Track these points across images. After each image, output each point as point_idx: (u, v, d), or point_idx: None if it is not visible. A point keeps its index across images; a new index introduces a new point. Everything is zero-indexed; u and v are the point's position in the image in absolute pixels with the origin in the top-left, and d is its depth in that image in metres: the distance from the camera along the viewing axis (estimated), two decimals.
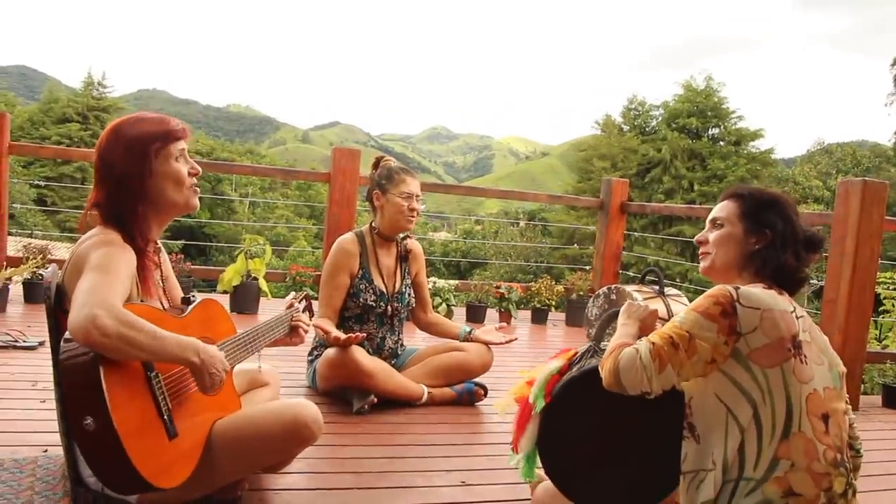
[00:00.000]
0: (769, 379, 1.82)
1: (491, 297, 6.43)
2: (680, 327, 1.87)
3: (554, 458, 2.12)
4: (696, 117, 34.07)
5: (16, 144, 5.74)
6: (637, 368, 1.85)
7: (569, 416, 2.08)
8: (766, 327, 1.84)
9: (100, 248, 2.01)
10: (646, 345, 1.87)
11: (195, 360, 1.95)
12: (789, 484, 1.77)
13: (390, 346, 3.78)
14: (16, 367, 3.65)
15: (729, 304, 1.85)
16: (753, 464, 1.79)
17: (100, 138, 2.18)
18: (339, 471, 2.70)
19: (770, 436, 1.80)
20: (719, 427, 1.84)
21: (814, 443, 1.80)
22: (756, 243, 2.04)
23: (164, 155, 2.17)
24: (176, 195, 2.21)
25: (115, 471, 1.84)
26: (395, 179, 3.69)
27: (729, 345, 1.83)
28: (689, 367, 1.85)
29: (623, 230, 7.12)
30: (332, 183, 6.07)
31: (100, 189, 2.15)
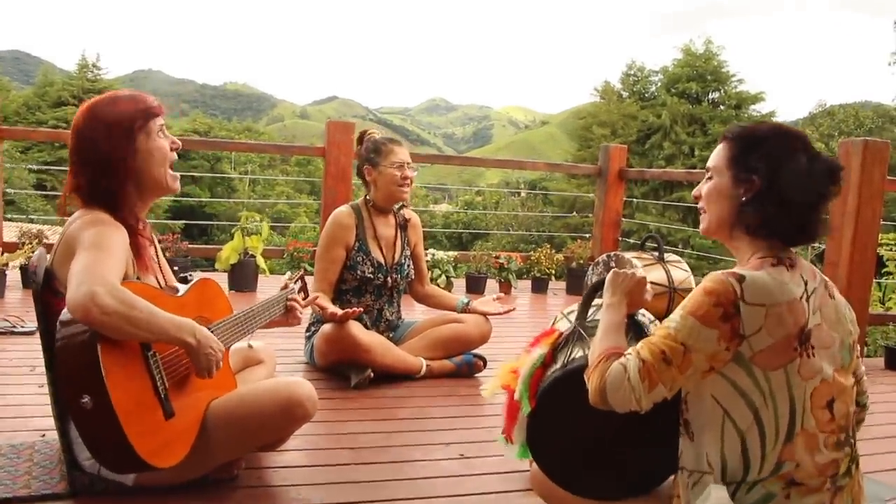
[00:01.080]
0: (771, 382, 1.67)
1: (490, 267, 6.41)
2: (675, 338, 1.68)
3: (545, 459, 2.06)
4: (696, 82, 33.86)
5: (7, 129, 5.71)
6: (625, 389, 1.69)
7: (556, 418, 2.01)
8: (772, 325, 1.66)
9: (91, 227, 1.99)
10: (635, 362, 1.69)
11: (191, 342, 1.93)
12: (792, 476, 1.69)
13: (388, 318, 3.76)
14: (13, 353, 3.64)
15: (731, 303, 1.66)
16: (758, 468, 1.69)
17: (74, 121, 2.14)
18: (337, 447, 2.70)
19: (773, 439, 1.68)
20: (714, 428, 1.72)
21: (815, 436, 1.70)
22: (744, 194, 1.79)
23: (146, 132, 2.15)
24: (160, 173, 2.18)
25: (111, 449, 1.85)
26: (384, 151, 3.66)
27: (730, 350, 1.66)
28: (682, 381, 1.70)
29: (622, 197, 7.08)
30: (327, 157, 6.03)
31: (80, 173, 2.12)
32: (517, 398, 2.06)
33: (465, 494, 2.35)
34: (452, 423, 3.04)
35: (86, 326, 1.80)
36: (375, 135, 3.78)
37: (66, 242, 2.01)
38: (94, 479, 2.12)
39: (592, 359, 1.82)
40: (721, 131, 7.87)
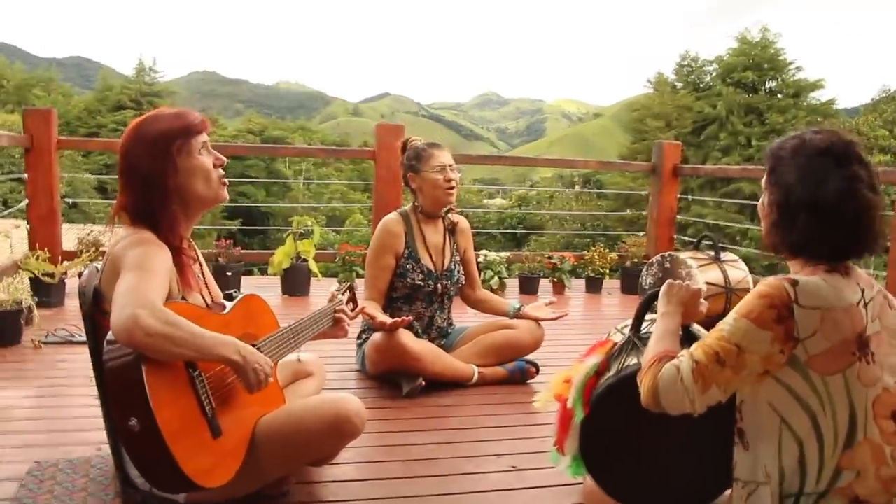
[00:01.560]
0: (829, 387, 1.64)
1: (543, 267, 6.36)
2: (728, 340, 1.66)
3: (598, 469, 2.04)
4: (752, 70, 33.20)
5: (64, 140, 5.84)
6: (678, 390, 1.67)
7: (610, 425, 1.99)
8: (828, 330, 1.64)
9: (135, 247, 2.01)
10: (688, 363, 1.68)
11: (237, 359, 1.93)
12: (855, 493, 1.64)
13: (439, 325, 3.74)
14: (72, 364, 3.70)
15: (785, 306, 1.64)
16: (815, 478, 1.65)
17: (122, 140, 2.17)
18: (388, 459, 2.69)
19: (833, 447, 1.64)
20: (772, 437, 1.69)
21: (881, 447, 1.65)
22: (768, 215, 1.79)
23: (187, 150, 2.15)
24: (204, 190, 2.19)
25: (160, 471, 1.85)
26: (424, 156, 3.64)
27: (785, 353, 1.64)
28: (736, 382, 1.67)
29: (676, 194, 6.96)
30: (377, 160, 6.04)
31: (127, 191, 2.14)
32: (570, 406, 2.05)
33: None
34: (504, 432, 3.00)
35: (130, 351, 1.81)
36: (417, 142, 3.76)
37: (112, 262, 2.03)
38: (146, 497, 2.13)
39: (646, 362, 1.80)
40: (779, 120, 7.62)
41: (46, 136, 5.46)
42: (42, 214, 5.49)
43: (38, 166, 5.46)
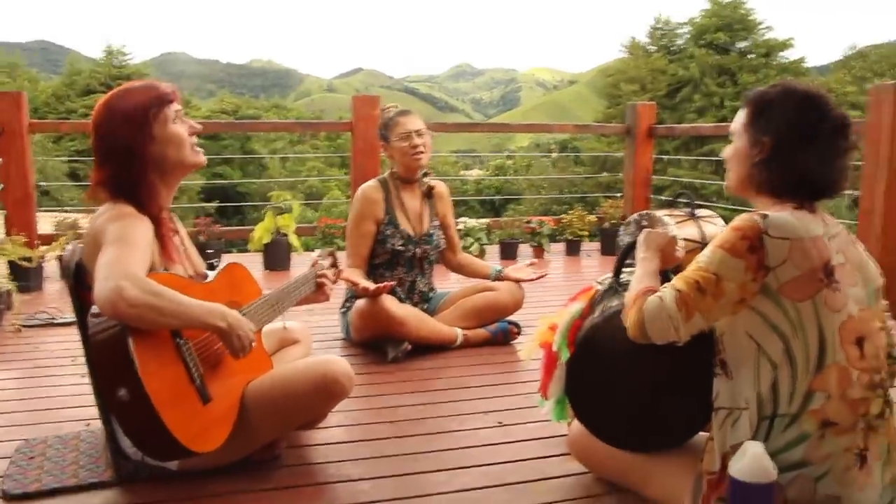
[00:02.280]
0: (800, 312, 1.72)
1: (523, 232, 6.39)
2: (706, 269, 1.75)
3: (584, 407, 2.09)
4: (724, 31, 33.34)
5: (36, 122, 5.79)
6: (663, 319, 1.74)
7: (595, 363, 2.04)
8: (796, 258, 1.72)
9: (115, 221, 2.02)
10: (671, 292, 1.76)
11: (222, 325, 1.95)
12: (825, 414, 1.72)
13: (421, 289, 3.77)
14: (55, 344, 3.70)
15: (756, 237, 1.73)
16: (788, 399, 1.73)
17: (93, 116, 2.17)
18: (376, 420, 2.72)
19: (804, 370, 1.73)
20: (750, 364, 1.77)
21: (848, 370, 1.73)
22: (757, 155, 1.86)
23: (162, 119, 2.16)
24: (182, 156, 2.20)
25: (152, 439, 1.88)
26: (391, 125, 3.67)
27: (757, 281, 1.73)
28: (716, 310, 1.75)
29: (651, 155, 7.00)
30: (354, 132, 6.03)
31: (103, 166, 2.14)
32: (556, 348, 2.10)
33: (502, 462, 2.36)
34: (489, 391, 3.05)
35: (115, 322, 1.83)
36: (389, 111, 3.76)
37: (93, 237, 2.04)
38: (138, 466, 2.16)
39: (629, 299, 1.88)
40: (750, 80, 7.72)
41: (17, 119, 5.40)
42: (17, 199, 5.44)
43: (11, 150, 5.41)
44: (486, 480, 2.23)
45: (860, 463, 1.74)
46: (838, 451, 1.72)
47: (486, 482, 2.22)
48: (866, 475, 1.75)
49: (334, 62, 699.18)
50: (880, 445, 1.78)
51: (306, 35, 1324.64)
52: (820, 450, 1.72)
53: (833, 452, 1.72)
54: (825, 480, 1.72)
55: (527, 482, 2.23)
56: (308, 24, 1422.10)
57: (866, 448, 1.75)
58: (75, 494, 2.12)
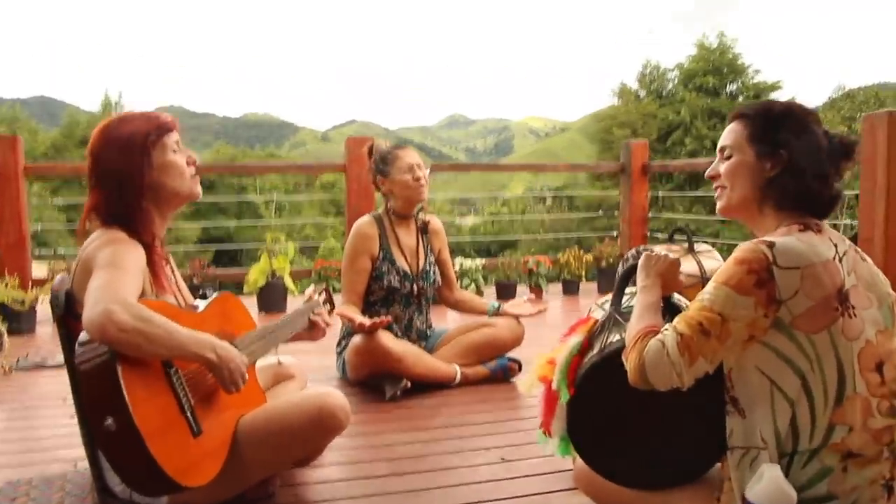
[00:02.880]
0: (816, 345, 1.62)
1: (520, 273, 6.34)
2: (710, 309, 1.63)
3: (588, 449, 2.00)
4: (713, 75, 33.68)
5: (31, 166, 5.77)
6: (664, 364, 1.64)
7: (596, 404, 1.94)
8: (809, 287, 1.62)
9: (107, 247, 1.96)
10: (673, 336, 1.65)
11: (211, 357, 1.88)
12: (847, 447, 1.63)
13: (418, 327, 3.70)
14: (46, 387, 3.63)
15: (764, 269, 1.61)
16: (808, 436, 1.64)
17: (90, 143, 2.12)
18: (374, 458, 2.64)
19: (823, 405, 1.63)
20: (764, 401, 1.66)
21: (868, 400, 1.64)
22: (772, 168, 1.78)
23: (161, 147, 2.12)
24: (179, 185, 2.16)
25: (140, 471, 1.79)
26: (390, 158, 3.63)
27: (769, 317, 1.62)
28: (723, 352, 1.65)
29: (647, 192, 6.98)
30: (348, 174, 6.01)
31: (97, 192, 2.09)
32: (555, 388, 1.99)
33: (506, 498, 2.28)
34: (491, 428, 2.96)
35: (104, 349, 1.76)
36: (382, 145, 3.73)
37: (84, 263, 1.98)
38: None
39: (629, 339, 1.77)
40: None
41: (13, 162, 5.38)
42: (11, 242, 5.40)
43: (6, 193, 5.38)
44: None
45: (888, 494, 1.66)
46: (864, 483, 1.64)
47: None
48: None
49: (329, 114, 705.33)
50: None
51: (301, 88, 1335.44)
52: (845, 483, 1.63)
53: (859, 485, 1.63)
54: None
55: None
56: (303, 77, 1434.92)
57: (892, 478, 1.67)
58: None
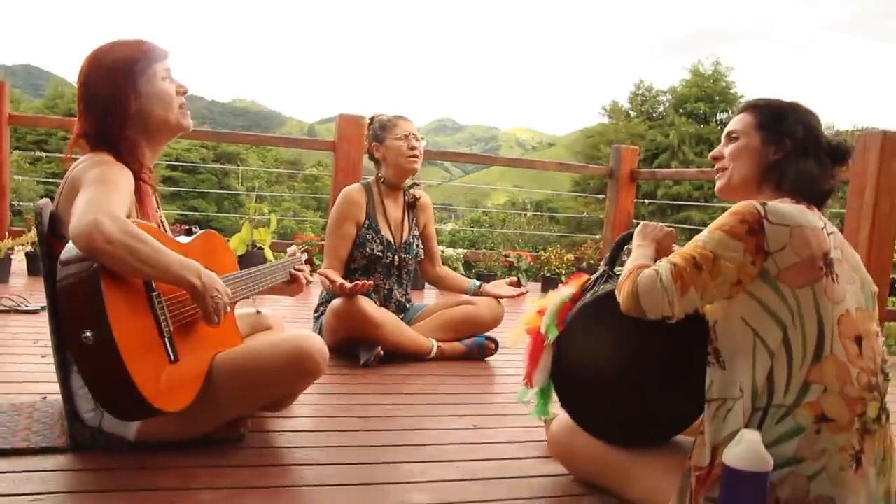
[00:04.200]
0: (799, 299, 1.68)
1: (500, 266, 6.34)
2: (703, 247, 1.72)
3: (569, 390, 2.02)
4: (704, 102, 33.94)
5: (15, 115, 5.69)
6: (657, 291, 1.71)
7: (584, 344, 1.97)
8: (796, 245, 1.69)
9: (95, 167, 1.94)
10: (667, 266, 1.73)
11: (196, 283, 1.86)
12: (822, 409, 1.66)
13: (398, 298, 3.68)
14: (17, 328, 3.57)
15: (756, 221, 1.70)
16: (784, 390, 1.67)
17: (80, 68, 2.10)
18: (346, 415, 2.62)
19: (801, 360, 1.67)
20: (746, 352, 1.71)
21: (847, 366, 1.68)
22: (775, 153, 1.88)
23: (150, 75, 2.10)
24: (167, 115, 2.13)
25: (113, 388, 1.76)
26: (389, 125, 3.63)
27: (756, 265, 1.69)
28: (713, 289, 1.71)
29: (633, 198, 7.00)
30: (337, 151, 5.97)
31: (85, 118, 2.08)
32: (544, 330, 2.02)
33: (479, 459, 2.26)
34: (464, 398, 2.96)
35: (88, 263, 1.73)
36: (384, 116, 3.72)
37: (71, 183, 1.95)
38: (95, 434, 2.04)
39: (623, 275, 1.84)
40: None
41: None
42: None
43: None
44: (461, 474, 2.12)
45: (855, 464, 1.68)
46: (834, 448, 1.66)
47: (461, 476, 2.11)
48: (861, 478, 1.69)
49: (316, 107, 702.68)
50: (875, 451, 1.72)
51: (292, 79, 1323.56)
52: (815, 446, 1.66)
53: (828, 449, 1.66)
54: (819, 479, 1.66)
55: (504, 478, 2.12)
56: (295, 68, 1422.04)
57: (861, 450, 1.69)
58: (26, 457, 1.97)
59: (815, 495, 1.66)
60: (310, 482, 2.00)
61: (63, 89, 43.92)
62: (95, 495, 1.79)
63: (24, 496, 1.74)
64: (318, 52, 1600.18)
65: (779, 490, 1.66)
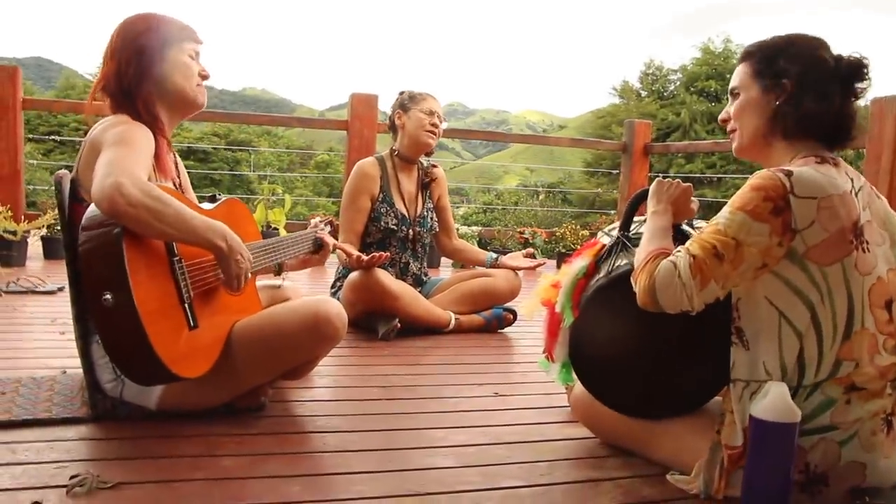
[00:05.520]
0: (828, 278, 1.59)
1: (516, 242, 6.31)
2: (724, 233, 1.59)
3: (589, 375, 1.97)
4: (715, 80, 33.70)
5: (29, 99, 5.70)
6: (676, 287, 1.59)
7: (600, 328, 1.90)
8: (825, 219, 1.58)
9: (116, 126, 1.94)
10: (685, 258, 1.60)
11: (222, 245, 1.84)
12: (852, 381, 1.61)
13: (414, 271, 3.67)
14: (35, 308, 3.59)
15: (781, 197, 1.57)
16: (815, 370, 1.61)
17: (117, 26, 2.12)
18: (366, 385, 2.61)
19: (831, 339, 1.60)
20: (771, 333, 1.63)
21: (875, 336, 1.62)
22: (776, 99, 1.75)
23: (178, 47, 2.13)
24: (185, 85, 2.14)
25: (132, 353, 1.75)
26: (418, 98, 3.63)
27: (783, 245, 1.58)
28: (735, 277, 1.60)
29: (647, 172, 6.95)
30: (350, 130, 5.96)
31: (109, 64, 2.09)
32: (559, 310, 1.95)
33: (501, 425, 2.24)
34: (484, 368, 2.94)
35: (111, 227, 1.71)
36: (414, 90, 3.72)
37: (91, 145, 1.94)
38: (116, 404, 2.04)
39: (639, 260, 1.72)
40: None
41: (11, 92, 5.32)
42: (4, 174, 5.32)
43: (2, 123, 5.30)
44: (485, 439, 2.10)
45: (887, 428, 1.64)
46: (866, 415, 1.62)
47: (484, 440, 2.09)
48: (892, 441, 1.65)
49: (327, 94, 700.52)
50: None
51: (301, 66, 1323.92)
52: (848, 415, 1.61)
53: (861, 417, 1.61)
54: (850, 445, 1.62)
55: (527, 442, 2.10)
56: (303, 55, 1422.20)
57: (893, 413, 1.65)
58: (48, 427, 1.97)
59: (847, 461, 1.62)
60: (332, 448, 1.98)
61: (74, 80, 44.08)
62: (118, 462, 1.78)
63: (48, 464, 1.73)
64: (327, 39, 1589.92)
65: (809, 455, 1.63)
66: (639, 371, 1.92)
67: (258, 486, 1.69)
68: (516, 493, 1.75)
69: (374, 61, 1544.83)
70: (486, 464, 1.91)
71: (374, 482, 1.75)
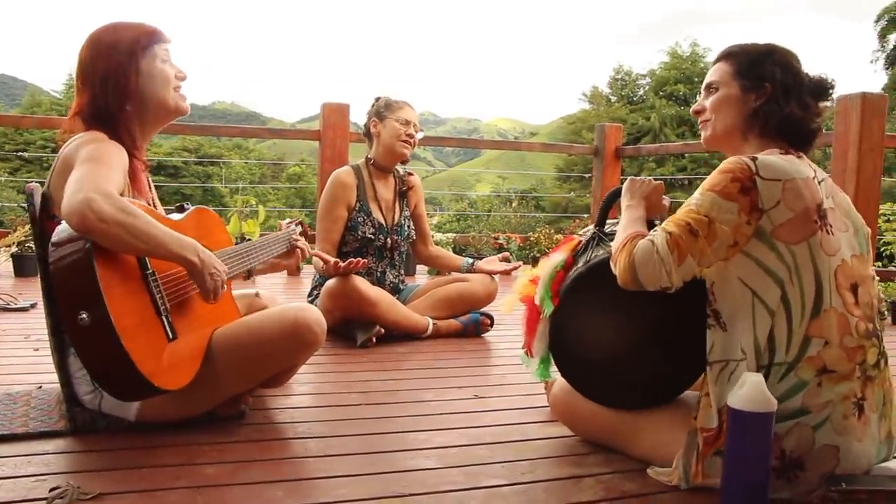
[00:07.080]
0: (796, 256, 1.67)
1: (490, 248, 6.33)
2: (697, 211, 1.69)
3: (569, 363, 2.00)
4: (684, 84, 34.04)
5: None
6: (654, 262, 1.67)
7: (579, 317, 1.94)
8: (790, 199, 1.68)
9: (89, 144, 1.91)
10: (662, 235, 1.69)
11: (194, 259, 1.83)
12: (823, 361, 1.66)
13: (391, 280, 3.67)
14: (8, 325, 3.54)
15: (748, 178, 1.67)
16: (785, 347, 1.67)
17: (81, 46, 2.08)
18: (346, 391, 2.60)
19: (800, 316, 1.67)
20: (745, 313, 1.70)
21: (845, 316, 1.69)
22: (756, 99, 1.86)
23: (149, 55, 2.09)
24: (164, 94, 2.11)
25: (113, 369, 1.74)
26: (395, 106, 3.64)
27: (752, 224, 1.67)
28: (710, 254, 1.68)
29: (619, 175, 7.00)
30: (322, 140, 5.94)
31: (83, 93, 2.05)
32: (538, 301, 1.99)
33: (482, 426, 2.25)
34: (464, 371, 2.94)
35: (81, 243, 1.70)
36: (391, 98, 3.72)
37: (64, 161, 1.93)
38: (94, 416, 2.03)
39: (617, 243, 1.80)
40: None
41: None
42: None
43: None
44: (467, 440, 2.11)
45: (858, 412, 1.69)
46: (837, 398, 1.67)
47: (466, 441, 2.10)
48: (864, 424, 1.70)
49: (298, 107, 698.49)
50: (876, 396, 1.73)
51: (271, 79, 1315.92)
52: (818, 397, 1.67)
53: (832, 400, 1.67)
54: (823, 429, 1.67)
55: (508, 442, 2.12)
56: (273, 68, 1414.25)
57: (863, 397, 1.70)
58: (26, 441, 1.95)
59: (821, 445, 1.66)
60: (314, 453, 1.99)
61: (40, 98, 43.60)
62: (99, 474, 1.77)
63: (26, 478, 1.72)
64: (296, 51, 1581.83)
65: (784, 441, 1.67)
66: (619, 359, 1.96)
67: (241, 492, 1.69)
68: (499, 491, 1.76)
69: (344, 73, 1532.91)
70: (468, 464, 1.92)
71: (357, 485, 1.76)
